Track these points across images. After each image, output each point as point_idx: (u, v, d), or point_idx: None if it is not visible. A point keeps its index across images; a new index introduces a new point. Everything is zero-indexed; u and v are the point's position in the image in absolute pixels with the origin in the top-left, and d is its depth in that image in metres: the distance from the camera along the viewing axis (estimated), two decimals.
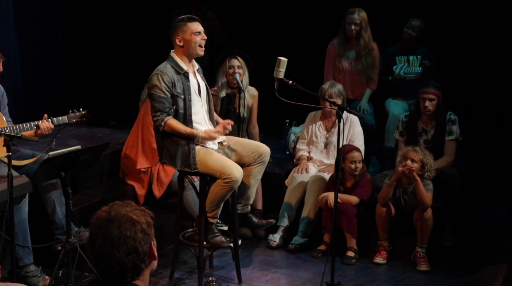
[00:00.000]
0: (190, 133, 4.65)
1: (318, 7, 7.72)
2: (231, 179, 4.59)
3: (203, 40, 4.72)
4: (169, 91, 4.63)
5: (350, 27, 6.47)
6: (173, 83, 4.64)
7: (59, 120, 4.90)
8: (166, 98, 4.63)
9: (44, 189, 4.93)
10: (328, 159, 6.03)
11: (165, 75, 4.64)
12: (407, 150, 5.50)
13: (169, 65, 4.70)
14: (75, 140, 6.24)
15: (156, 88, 4.64)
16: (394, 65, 6.70)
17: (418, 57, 6.66)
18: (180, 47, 4.71)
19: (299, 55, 7.61)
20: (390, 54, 6.75)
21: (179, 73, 4.69)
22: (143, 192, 5.75)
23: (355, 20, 6.45)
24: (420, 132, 5.95)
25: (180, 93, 4.66)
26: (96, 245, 2.24)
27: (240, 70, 5.90)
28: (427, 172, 5.44)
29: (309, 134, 6.12)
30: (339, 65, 6.62)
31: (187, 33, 4.68)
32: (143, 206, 2.41)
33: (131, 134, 5.86)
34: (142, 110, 5.84)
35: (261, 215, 6.00)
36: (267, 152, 4.89)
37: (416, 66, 6.67)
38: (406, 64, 6.69)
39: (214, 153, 4.72)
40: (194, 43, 4.69)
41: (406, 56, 6.69)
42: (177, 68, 4.69)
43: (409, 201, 5.52)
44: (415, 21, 6.65)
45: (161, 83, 4.62)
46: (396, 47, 6.77)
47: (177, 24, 4.72)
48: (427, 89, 5.84)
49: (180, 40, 4.69)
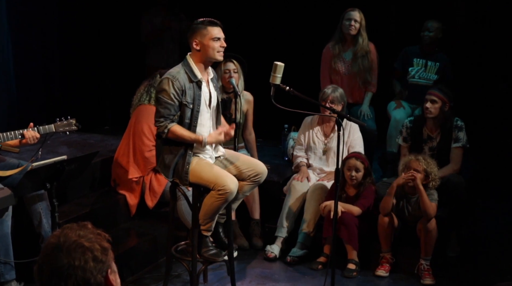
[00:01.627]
0: (196, 139, 4.43)
1: (314, 9, 7.49)
2: (225, 190, 4.35)
3: (222, 47, 4.47)
4: (178, 99, 4.40)
5: (349, 23, 6.23)
6: (184, 91, 4.41)
7: (45, 129, 4.67)
8: (173, 105, 4.40)
9: (30, 200, 4.70)
10: (328, 166, 5.80)
11: (176, 81, 4.40)
12: (409, 159, 5.27)
13: (183, 70, 4.46)
14: (65, 147, 6.02)
15: (164, 93, 4.40)
16: (410, 67, 6.47)
17: (437, 64, 6.44)
18: (196, 51, 4.47)
19: (294, 58, 7.37)
20: (409, 54, 6.53)
21: (192, 81, 4.45)
22: (135, 201, 5.52)
23: (355, 17, 6.23)
24: (425, 139, 5.72)
25: (189, 102, 4.43)
26: (44, 276, 1.98)
27: (236, 74, 5.69)
28: (432, 181, 5.21)
29: (306, 140, 5.89)
30: (335, 67, 6.39)
31: (206, 38, 4.43)
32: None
33: (122, 141, 5.64)
34: (133, 117, 5.61)
35: (258, 224, 5.78)
36: (264, 173, 4.66)
37: (433, 73, 6.44)
38: (423, 69, 6.47)
39: (208, 164, 4.49)
40: (212, 49, 4.44)
41: (424, 60, 6.46)
42: (191, 75, 4.45)
43: (413, 211, 5.29)
44: (431, 23, 6.43)
45: (171, 89, 4.38)
46: (416, 48, 6.54)
47: (196, 27, 4.48)
48: (431, 91, 5.64)
49: (197, 44, 4.45)
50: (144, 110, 5.51)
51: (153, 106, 5.50)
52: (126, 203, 5.52)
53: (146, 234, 5.40)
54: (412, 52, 6.55)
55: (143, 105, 5.55)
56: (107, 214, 5.40)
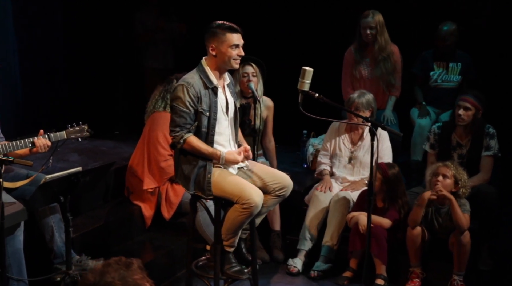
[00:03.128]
0: (213, 154, 4.17)
1: (334, 9, 7.21)
2: (250, 204, 4.08)
3: (239, 56, 4.20)
4: (193, 106, 4.14)
5: (365, 32, 6.03)
6: (199, 98, 4.14)
7: (56, 136, 4.41)
8: (189, 114, 4.13)
9: (41, 213, 4.45)
10: (353, 176, 5.53)
11: (191, 88, 4.13)
12: (437, 166, 5.01)
13: (197, 76, 4.20)
14: (76, 155, 5.75)
15: (179, 101, 4.13)
16: (431, 71, 6.20)
17: (458, 64, 6.17)
18: (212, 56, 4.21)
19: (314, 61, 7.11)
20: (428, 59, 6.27)
21: (208, 87, 4.19)
22: (151, 213, 5.26)
23: (370, 24, 6.00)
24: (454, 146, 5.46)
25: (206, 110, 4.16)
26: None
27: (255, 78, 5.41)
28: (462, 188, 4.93)
29: (332, 147, 5.61)
30: (356, 73, 6.15)
31: (224, 45, 4.16)
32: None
33: (137, 150, 5.37)
34: (147, 124, 5.34)
35: (279, 236, 5.51)
36: (290, 186, 4.39)
37: (456, 74, 6.18)
38: (444, 71, 6.20)
39: (232, 175, 4.22)
40: (228, 57, 4.18)
41: (445, 62, 6.19)
42: (206, 81, 4.19)
43: (443, 223, 5.01)
44: (447, 26, 6.13)
45: (186, 97, 4.11)
46: (435, 50, 6.28)
47: (214, 30, 4.20)
48: (465, 97, 5.37)
49: (214, 49, 4.19)
50: (159, 118, 5.25)
51: (168, 114, 5.23)
52: (141, 214, 5.26)
53: (163, 247, 5.14)
54: (431, 55, 6.30)
55: (158, 112, 5.29)
56: (121, 227, 5.15)
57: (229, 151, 4.23)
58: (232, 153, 4.21)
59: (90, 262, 4.56)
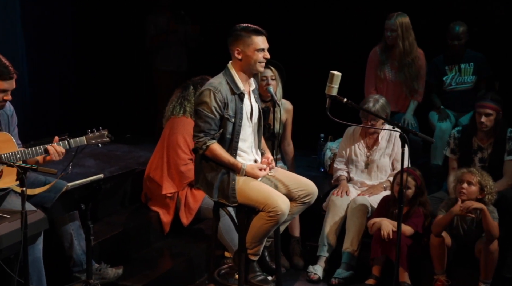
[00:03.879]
0: (234, 165, 4.08)
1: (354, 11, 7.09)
2: (276, 212, 3.99)
3: (265, 58, 4.12)
4: (219, 112, 4.05)
5: (386, 33, 5.96)
6: (226, 103, 4.05)
7: (76, 142, 4.30)
8: (214, 119, 4.04)
9: (60, 220, 4.35)
10: (371, 180, 5.43)
11: (218, 93, 4.04)
12: (462, 172, 4.90)
13: (224, 81, 4.11)
14: (91, 159, 5.66)
15: (205, 106, 4.04)
16: (444, 76, 6.10)
17: (471, 64, 6.09)
18: (238, 59, 4.11)
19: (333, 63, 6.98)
20: (439, 64, 6.17)
21: (235, 93, 4.09)
22: (169, 219, 5.15)
23: (391, 26, 5.92)
24: (475, 149, 5.36)
25: (231, 116, 4.07)
26: None
27: (274, 82, 5.31)
28: (488, 194, 4.83)
29: (347, 152, 5.51)
30: (381, 74, 6.06)
31: (250, 48, 4.08)
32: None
33: (155, 154, 5.26)
34: (167, 128, 5.23)
35: (299, 243, 5.41)
36: (315, 193, 4.33)
37: (469, 75, 6.08)
38: (457, 73, 6.10)
39: (256, 182, 4.13)
40: (254, 60, 4.09)
41: (457, 65, 6.09)
42: (233, 86, 4.10)
43: (469, 229, 4.91)
44: (458, 27, 6.04)
45: (212, 102, 4.02)
46: (444, 55, 6.18)
47: (239, 34, 4.11)
48: (483, 103, 5.25)
49: (239, 53, 4.10)
50: (179, 122, 5.15)
51: (187, 118, 5.16)
52: (159, 221, 5.15)
53: (182, 254, 5.04)
54: (441, 60, 6.21)
55: (177, 117, 5.18)
56: (140, 233, 5.05)
57: (251, 165, 4.14)
58: (253, 168, 4.12)
59: (110, 270, 4.47)
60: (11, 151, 4.11)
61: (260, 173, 4.12)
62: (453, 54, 6.12)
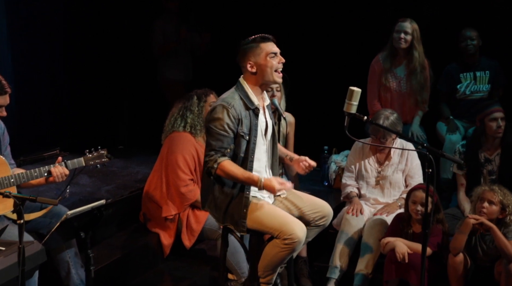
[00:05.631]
0: (250, 179, 3.76)
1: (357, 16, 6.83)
2: (293, 240, 3.72)
3: (281, 63, 3.84)
4: (233, 130, 3.76)
5: (399, 36, 5.66)
6: (240, 120, 3.77)
7: (74, 163, 4.04)
8: (227, 137, 3.76)
9: (56, 248, 4.04)
10: (384, 197, 5.17)
11: (232, 109, 3.75)
12: (483, 189, 4.66)
13: (237, 96, 3.82)
14: (86, 177, 5.35)
15: (217, 123, 3.75)
16: (458, 84, 5.88)
17: (487, 72, 5.88)
18: (252, 74, 3.84)
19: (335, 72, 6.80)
20: (453, 72, 5.95)
21: (249, 108, 3.81)
22: (170, 241, 4.86)
23: (406, 29, 5.66)
24: (482, 162, 5.17)
25: (246, 133, 3.79)
26: None
27: (278, 93, 5.04)
28: (509, 215, 4.59)
29: (357, 168, 5.24)
30: (386, 83, 5.79)
31: (261, 56, 3.80)
32: None
33: (153, 173, 4.96)
34: (165, 145, 4.92)
35: (306, 263, 5.14)
36: (330, 215, 4.06)
37: (485, 83, 5.87)
38: (473, 81, 5.89)
39: (270, 206, 3.85)
40: (270, 67, 3.81)
41: (472, 73, 5.87)
42: (247, 101, 3.82)
43: (488, 250, 4.67)
44: (469, 31, 5.86)
45: (226, 118, 3.74)
46: (458, 63, 5.95)
47: (247, 47, 3.85)
48: (493, 109, 5.08)
49: (253, 66, 3.82)
50: (178, 139, 4.85)
51: (187, 134, 4.87)
52: (159, 243, 4.87)
53: (184, 278, 4.77)
54: (455, 68, 5.99)
55: (177, 132, 4.88)
56: (139, 257, 4.76)
57: (268, 178, 3.82)
58: (271, 181, 3.77)
59: None
60: (5, 175, 3.81)
61: (278, 186, 3.77)
62: (468, 60, 5.91)
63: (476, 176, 5.11)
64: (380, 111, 5.16)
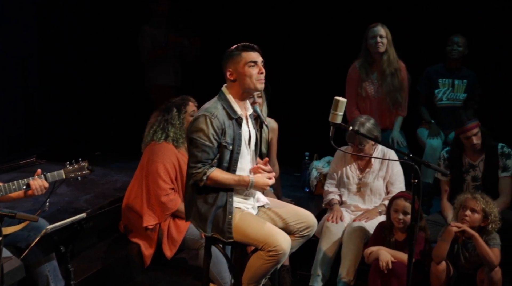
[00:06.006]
0: (241, 181, 3.77)
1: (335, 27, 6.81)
2: (277, 252, 3.68)
3: (261, 74, 3.78)
4: (217, 140, 3.71)
5: (375, 41, 5.64)
6: (223, 130, 3.73)
7: (54, 176, 3.95)
8: (212, 148, 3.71)
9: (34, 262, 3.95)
10: (364, 204, 5.16)
11: (215, 119, 3.71)
12: (465, 197, 4.65)
13: (220, 105, 3.78)
14: (64, 187, 5.24)
15: (201, 133, 3.70)
16: (436, 89, 5.87)
17: (464, 81, 5.89)
18: (231, 81, 3.80)
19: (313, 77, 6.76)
20: (433, 75, 5.95)
21: (232, 118, 3.76)
22: (151, 251, 4.78)
23: (380, 32, 5.63)
24: (466, 168, 5.16)
25: (229, 143, 3.75)
26: None
27: (260, 100, 5.00)
28: (491, 223, 4.59)
29: (339, 174, 5.21)
30: (362, 92, 5.77)
31: (240, 65, 3.76)
32: None
33: (133, 182, 4.87)
34: (145, 155, 4.85)
35: (289, 272, 5.09)
36: (315, 226, 4.05)
37: (461, 92, 5.88)
38: (450, 89, 5.90)
39: (254, 217, 3.81)
40: (248, 77, 3.76)
41: (451, 80, 5.89)
42: (230, 111, 3.78)
43: (470, 257, 4.66)
44: (458, 37, 5.90)
45: (209, 129, 3.69)
46: (439, 67, 5.95)
47: (228, 54, 3.82)
48: (466, 127, 5.05)
49: (232, 73, 3.79)
50: (159, 148, 4.78)
51: (168, 144, 4.80)
52: (139, 253, 4.78)
53: None
54: (436, 72, 5.99)
55: (157, 143, 4.80)
56: (120, 268, 4.67)
57: (257, 175, 3.83)
58: (261, 177, 3.81)
59: None
60: None
61: (269, 181, 3.82)
62: (449, 65, 5.94)
63: (459, 182, 5.12)
64: (356, 117, 5.13)
